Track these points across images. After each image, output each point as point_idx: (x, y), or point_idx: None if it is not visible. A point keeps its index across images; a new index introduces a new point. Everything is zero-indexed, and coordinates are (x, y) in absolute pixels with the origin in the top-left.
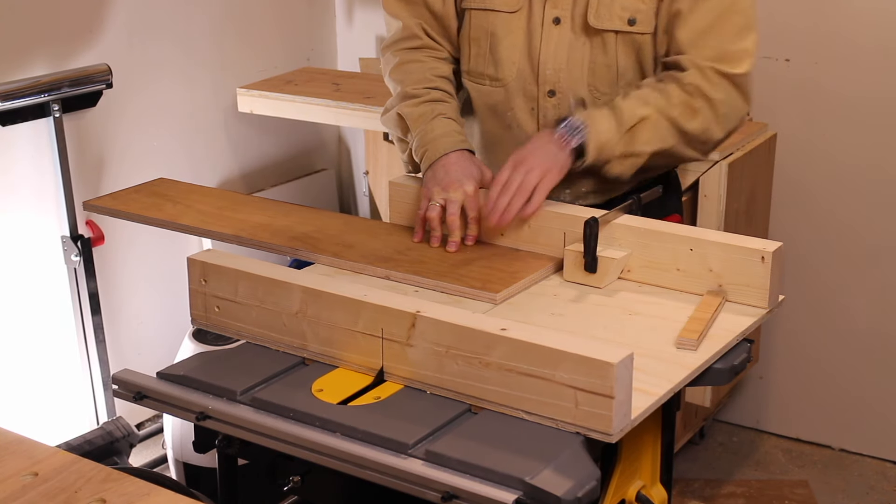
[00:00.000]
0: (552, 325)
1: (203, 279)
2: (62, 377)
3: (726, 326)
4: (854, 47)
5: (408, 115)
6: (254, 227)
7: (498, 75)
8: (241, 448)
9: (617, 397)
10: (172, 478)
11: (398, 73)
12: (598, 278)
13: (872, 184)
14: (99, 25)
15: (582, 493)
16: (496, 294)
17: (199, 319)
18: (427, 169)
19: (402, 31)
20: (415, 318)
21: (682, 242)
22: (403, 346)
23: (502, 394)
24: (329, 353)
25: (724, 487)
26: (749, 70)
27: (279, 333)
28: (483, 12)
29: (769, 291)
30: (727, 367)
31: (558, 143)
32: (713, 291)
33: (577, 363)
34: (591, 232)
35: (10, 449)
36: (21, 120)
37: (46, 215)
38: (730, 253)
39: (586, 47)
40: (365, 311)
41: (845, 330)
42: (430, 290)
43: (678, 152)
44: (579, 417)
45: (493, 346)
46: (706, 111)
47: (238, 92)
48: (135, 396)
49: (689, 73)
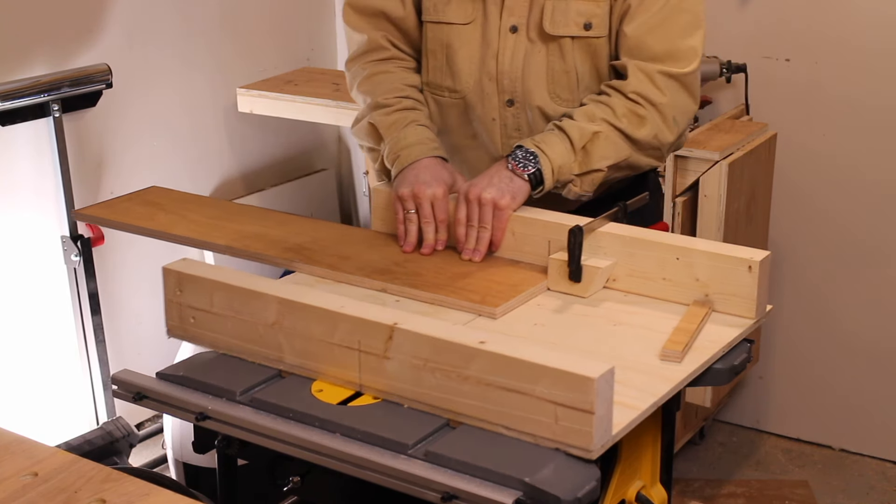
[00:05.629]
0: (534, 335)
1: (178, 289)
2: (62, 377)
3: (712, 338)
4: (854, 47)
5: (380, 124)
6: (248, 238)
7: (456, 87)
8: (240, 448)
9: (597, 413)
10: (172, 478)
11: (367, 85)
12: (582, 287)
13: (872, 184)
14: (99, 25)
15: (582, 493)
16: (496, 308)
17: (174, 330)
18: (398, 174)
19: (367, 44)
20: (392, 331)
21: (668, 251)
22: (381, 359)
23: (481, 408)
24: (305, 365)
25: (724, 487)
26: (696, 68)
27: (255, 345)
28: (438, 25)
29: (756, 301)
30: (727, 367)
31: (513, 171)
32: (700, 301)
33: (556, 378)
34: (576, 240)
35: (10, 449)
36: (21, 120)
37: (46, 215)
38: (717, 262)
39: (542, 54)
40: (342, 323)
41: (845, 330)
42: (412, 301)
43: (635, 161)
44: (559, 433)
45: (471, 359)
46: (653, 116)
47: (238, 92)
48: (134, 397)
49: (631, 79)
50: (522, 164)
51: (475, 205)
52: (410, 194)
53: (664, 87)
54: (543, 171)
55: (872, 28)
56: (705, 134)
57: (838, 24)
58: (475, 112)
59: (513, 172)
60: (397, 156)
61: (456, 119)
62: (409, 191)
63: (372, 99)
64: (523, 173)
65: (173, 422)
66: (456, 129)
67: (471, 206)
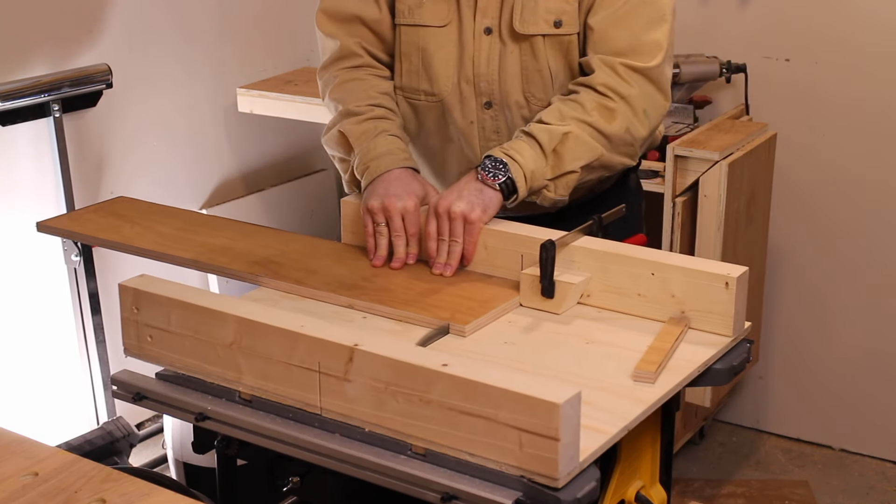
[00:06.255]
0: (503, 355)
1: (135, 307)
2: (62, 377)
3: (687, 357)
4: (854, 47)
5: (350, 133)
6: (214, 251)
7: (433, 90)
8: (240, 448)
9: (562, 440)
10: (172, 478)
11: (338, 93)
12: (555, 304)
13: (872, 184)
14: (99, 26)
15: (582, 493)
16: (465, 326)
17: (131, 349)
18: (367, 185)
19: (339, 51)
20: (352, 352)
21: (643, 266)
22: (341, 382)
23: (444, 434)
24: (264, 387)
25: (724, 487)
26: (660, 63)
27: (213, 365)
28: (413, 28)
29: (734, 319)
30: (727, 367)
31: (483, 181)
32: (675, 318)
33: (520, 402)
34: (548, 255)
35: (10, 449)
36: (21, 120)
37: (46, 215)
38: (692, 278)
39: (515, 55)
40: (301, 344)
41: (845, 330)
42: (380, 317)
43: (608, 160)
44: (524, 460)
45: (433, 382)
46: (623, 109)
47: (238, 92)
48: (134, 397)
49: (598, 73)
50: (492, 173)
51: (445, 218)
52: (380, 207)
53: (630, 80)
54: (515, 178)
55: (872, 28)
56: (705, 134)
57: (838, 24)
58: (452, 115)
59: (483, 183)
60: (367, 166)
61: (433, 122)
62: (379, 203)
63: (343, 107)
64: (494, 183)
65: (173, 422)
66: (433, 132)
67: (441, 220)
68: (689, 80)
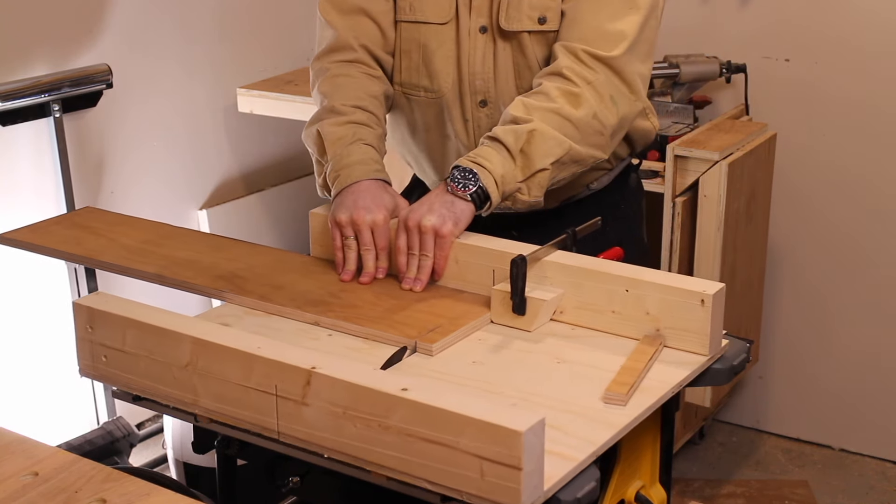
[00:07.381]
0: (471, 375)
1: (89, 326)
2: (62, 377)
3: (661, 378)
4: (854, 47)
5: (327, 135)
6: (178, 265)
7: (433, 87)
8: (240, 449)
9: (525, 468)
10: (172, 478)
11: (327, 86)
12: (527, 321)
13: (872, 184)
14: (99, 26)
15: (581, 493)
16: (432, 345)
17: (86, 369)
18: (336, 195)
19: (335, 41)
20: (310, 375)
21: (617, 282)
22: (299, 405)
23: (403, 461)
24: (221, 410)
25: (724, 487)
26: (622, 53)
27: (169, 387)
28: (414, 24)
29: (710, 337)
30: (727, 367)
31: (454, 193)
32: (650, 336)
33: (481, 430)
34: (519, 271)
35: (10, 449)
36: (21, 120)
37: (46, 215)
38: (667, 295)
39: (507, 52)
40: (258, 366)
41: (845, 330)
42: (346, 335)
43: (577, 154)
44: (485, 489)
45: (392, 408)
46: (588, 94)
47: (238, 92)
48: (134, 397)
49: (561, 58)
50: (462, 184)
51: (416, 232)
52: (349, 220)
53: (592, 65)
54: (486, 185)
55: (872, 28)
56: (705, 134)
57: (838, 24)
58: (451, 112)
59: (453, 195)
60: (337, 175)
61: (432, 118)
62: (348, 216)
63: (328, 102)
64: (465, 194)
65: (173, 422)
66: (432, 128)
67: (411, 234)
68: (688, 80)
